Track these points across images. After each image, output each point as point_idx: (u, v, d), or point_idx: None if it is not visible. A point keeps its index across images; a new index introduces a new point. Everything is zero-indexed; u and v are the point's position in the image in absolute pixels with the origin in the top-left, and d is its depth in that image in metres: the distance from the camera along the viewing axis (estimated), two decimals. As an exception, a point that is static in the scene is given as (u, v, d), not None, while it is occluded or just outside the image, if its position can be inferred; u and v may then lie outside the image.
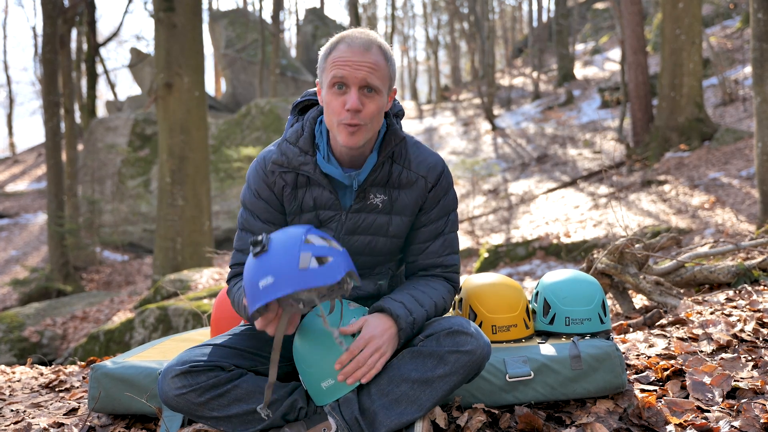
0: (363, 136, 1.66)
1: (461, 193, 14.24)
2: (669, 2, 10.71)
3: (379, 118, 1.68)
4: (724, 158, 9.78)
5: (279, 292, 1.43)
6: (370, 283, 1.88)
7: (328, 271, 1.46)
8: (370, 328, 1.62)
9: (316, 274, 1.45)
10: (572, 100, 19.54)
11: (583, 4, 31.22)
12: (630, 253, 3.10)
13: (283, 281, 1.43)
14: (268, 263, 1.46)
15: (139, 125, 16.52)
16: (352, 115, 1.62)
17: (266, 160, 1.79)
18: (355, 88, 1.62)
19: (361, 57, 1.61)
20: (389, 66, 1.67)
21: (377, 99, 1.65)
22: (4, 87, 38.70)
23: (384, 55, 1.66)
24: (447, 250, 1.85)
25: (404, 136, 1.80)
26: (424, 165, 1.79)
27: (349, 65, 1.61)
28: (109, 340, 6.08)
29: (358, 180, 1.74)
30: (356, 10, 20.67)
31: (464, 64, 43.07)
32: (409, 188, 1.78)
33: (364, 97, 1.63)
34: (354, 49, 1.62)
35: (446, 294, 1.82)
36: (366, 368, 1.59)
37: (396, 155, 1.79)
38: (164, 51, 9.03)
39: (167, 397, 1.61)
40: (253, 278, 1.47)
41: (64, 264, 12.30)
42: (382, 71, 1.64)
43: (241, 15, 25.55)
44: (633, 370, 2.03)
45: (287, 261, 1.45)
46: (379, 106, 1.66)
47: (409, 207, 1.79)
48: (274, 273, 1.44)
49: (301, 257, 1.46)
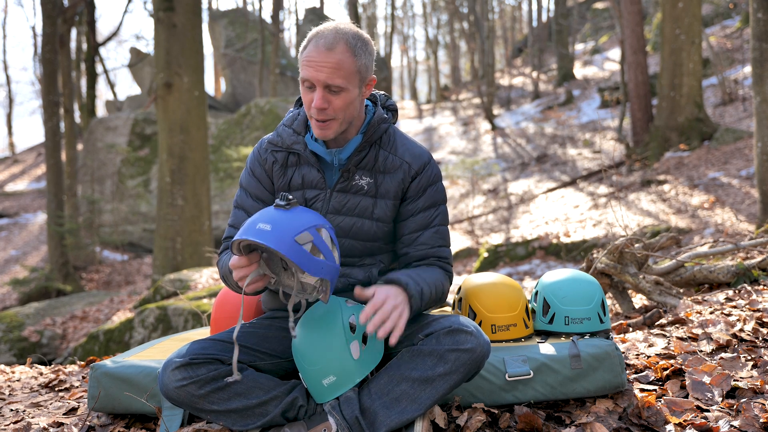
0: (334, 129, 1.75)
1: (461, 193, 14.24)
2: (669, 2, 10.70)
3: (349, 108, 1.75)
4: (724, 158, 9.78)
5: (266, 240, 1.51)
6: (360, 271, 1.89)
7: (313, 263, 1.55)
8: (383, 290, 1.62)
9: (302, 255, 1.53)
10: (572, 99, 19.54)
11: (583, 4, 31.22)
12: (630, 252, 3.10)
13: (275, 237, 1.52)
14: (278, 218, 1.57)
15: (139, 125, 16.51)
16: (318, 112, 1.70)
17: (263, 142, 1.93)
18: (320, 87, 1.69)
19: (324, 58, 1.68)
20: (357, 61, 1.71)
21: (343, 95, 1.71)
22: (4, 87, 38.70)
23: (351, 51, 1.70)
24: (439, 241, 1.87)
25: (389, 121, 1.89)
26: (409, 152, 1.87)
27: (313, 66, 1.68)
28: (109, 339, 6.08)
29: (340, 158, 1.82)
30: (356, 9, 20.67)
31: (464, 64, 43.07)
32: (393, 173, 1.85)
33: (329, 95, 1.70)
34: (319, 49, 1.69)
35: (444, 279, 1.84)
36: (391, 323, 1.57)
37: (384, 142, 1.86)
38: (164, 51, 9.03)
39: (168, 390, 1.62)
40: (257, 218, 1.58)
41: (63, 264, 12.30)
42: (346, 69, 1.69)
43: (240, 15, 25.55)
44: (632, 369, 2.03)
45: (292, 227, 1.55)
46: (347, 100, 1.72)
47: (392, 191, 1.85)
48: (275, 226, 1.54)
49: (303, 233, 1.56)
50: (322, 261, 1.57)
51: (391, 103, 1.94)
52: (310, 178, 1.85)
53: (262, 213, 1.60)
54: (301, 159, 1.86)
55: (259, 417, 1.66)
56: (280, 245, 1.51)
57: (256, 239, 1.51)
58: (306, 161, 1.85)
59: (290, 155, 1.87)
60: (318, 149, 1.83)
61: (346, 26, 1.74)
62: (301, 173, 1.86)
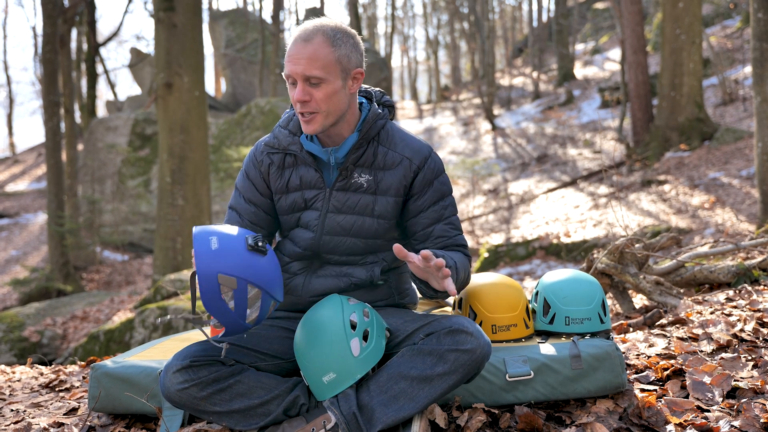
0: (320, 123, 1.73)
1: (461, 193, 14.24)
2: (669, 2, 10.70)
3: (333, 101, 1.72)
4: (724, 158, 9.78)
5: (199, 255, 1.51)
6: (362, 270, 1.89)
7: (215, 304, 1.52)
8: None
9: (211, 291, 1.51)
10: (572, 99, 19.54)
11: (583, 4, 31.21)
12: (630, 252, 3.10)
13: (207, 259, 1.51)
14: (231, 249, 1.55)
15: (139, 125, 16.51)
16: (301, 105, 1.71)
17: (260, 144, 1.93)
18: (300, 81, 1.69)
19: (300, 50, 1.69)
20: (336, 51, 1.70)
21: (324, 86, 1.70)
22: (4, 87, 38.71)
23: (329, 41, 1.70)
24: (454, 231, 1.87)
25: (385, 117, 1.87)
26: (409, 147, 1.85)
27: (292, 61, 1.69)
28: (109, 339, 6.08)
29: (336, 156, 1.81)
30: (356, 10, 20.68)
31: (464, 64, 43.05)
32: (393, 168, 1.83)
33: (309, 88, 1.70)
34: (297, 43, 1.70)
35: (468, 264, 1.84)
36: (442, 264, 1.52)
37: (382, 138, 1.85)
38: (164, 51, 9.03)
39: (170, 393, 1.62)
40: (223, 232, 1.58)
41: (64, 264, 12.30)
42: (323, 60, 1.68)
43: (241, 15, 25.54)
44: (633, 369, 2.03)
45: (227, 264, 1.53)
46: (328, 92, 1.70)
47: (394, 187, 1.83)
48: (217, 252, 1.53)
49: (230, 278, 1.53)
50: (225, 307, 1.54)
51: (386, 99, 1.93)
52: (308, 178, 1.85)
53: (231, 234, 1.59)
54: (297, 160, 1.86)
55: (261, 417, 1.66)
56: (201, 267, 1.50)
57: (195, 246, 1.52)
58: (303, 162, 1.85)
59: (287, 156, 1.87)
60: (314, 149, 1.82)
61: (328, 21, 1.74)
62: (298, 174, 1.86)
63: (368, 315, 1.71)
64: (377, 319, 1.73)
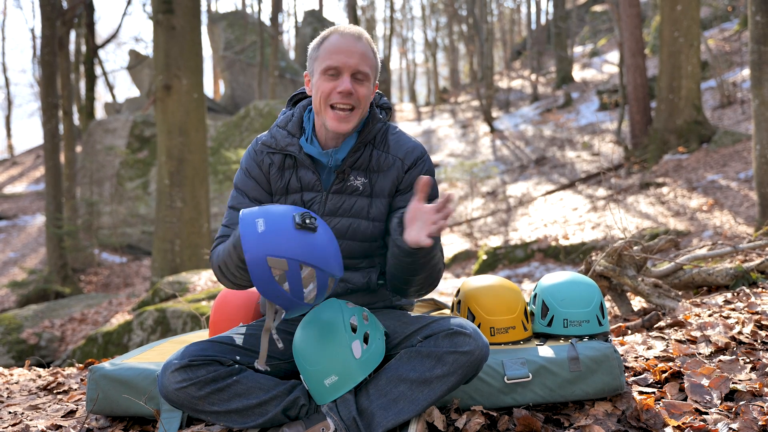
0: (354, 122, 1.77)
1: (459, 195, 14.24)
2: (667, 5, 10.72)
3: (367, 102, 1.79)
4: (722, 160, 9.79)
5: (246, 239, 1.48)
6: (359, 275, 1.89)
7: (270, 287, 1.49)
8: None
9: (263, 275, 1.48)
10: (571, 102, 19.56)
11: (582, 7, 31.27)
12: (628, 255, 3.10)
13: (255, 242, 1.48)
14: (278, 230, 1.50)
15: (138, 127, 16.50)
16: (345, 96, 1.72)
17: (258, 142, 1.93)
18: (348, 74, 1.73)
19: (353, 45, 1.74)
20: (375, 58, 1.80)
21: (366, 85, 1.76)
22: (3, 89, 38.65)
23: (371, 47, 1.79)
24: None
25: (386, 122, 1.90)
26: (402, 149, 1.87)
27: (343, 53, 1.72)
28: (108, 342, 6.07)
29: (336, 159, 1.82)
30: (355, 12, 20.66)
31: (463, 67, 43.10)
32: (387, 171, 1.86)
33: (355, 83, 1.74)
34: (347, 38, 1.74)
35: (443, 264, 1.83)
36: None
37: (377, 141, 1.87)
38: (163, 53, 9.03)
39: (168, 392, 1.62)
40: (269, 211, 1.54)
41: (62, 266, 12.28)
42: (371, 60, 1.77)
43: (239, 17, 25.55)
44: (631, 372, 2.03)
45: (275, 246, 1.49)
46: (368, 91, 1.78)
47: (387, 189, 1.86)
48: (264, 234, 1.49)
49: (279, 260, 1.49)
50: (280, 289, 1.51)
51: (384, 101, 1.95)
52: (307, 180, 1.86)
53: (278, 213, 1.55)
54: (297, 161, 1.86)
55: (258, 416, 1.66)
56: (249, 252, 1.48)
57: (241, 230, 1.49)
58: (302, 163, 1.85)
59: (286, 157, 1.87)
60: (313, 151, 1.83)
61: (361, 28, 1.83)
62: (298, 176, 1.86)
63: (367, 318, 1.71)
64: (376, 322, 1.73)
